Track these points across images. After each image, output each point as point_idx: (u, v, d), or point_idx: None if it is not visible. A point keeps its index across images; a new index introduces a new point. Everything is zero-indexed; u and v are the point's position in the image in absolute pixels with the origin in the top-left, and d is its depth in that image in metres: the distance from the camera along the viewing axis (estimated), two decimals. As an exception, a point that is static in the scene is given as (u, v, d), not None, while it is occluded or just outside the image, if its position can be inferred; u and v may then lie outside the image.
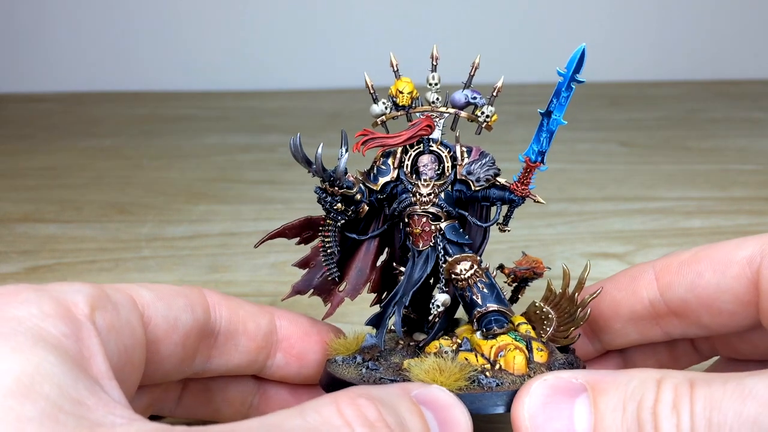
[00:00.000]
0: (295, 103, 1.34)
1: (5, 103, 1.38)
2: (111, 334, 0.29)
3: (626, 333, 0.39)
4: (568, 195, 0.84)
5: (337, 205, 0.37)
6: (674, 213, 0.79)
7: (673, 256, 0.37)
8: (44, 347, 0.25)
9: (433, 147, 0.38)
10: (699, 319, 0.36)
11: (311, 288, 0.40)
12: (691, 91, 1.38)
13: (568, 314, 0.38)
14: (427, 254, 0.38)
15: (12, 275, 0.66)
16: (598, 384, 0.29)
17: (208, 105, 1.35)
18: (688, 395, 0.27)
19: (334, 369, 0.37)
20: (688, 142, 1.07)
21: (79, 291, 0.29)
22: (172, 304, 0.34)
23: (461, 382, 0.33)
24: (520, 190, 0.37)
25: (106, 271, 0.66)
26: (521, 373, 0.34)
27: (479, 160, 0.38)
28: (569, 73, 0.35)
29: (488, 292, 0.37)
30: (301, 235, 0.39)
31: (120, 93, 1.43)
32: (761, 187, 0.86)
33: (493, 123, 0.38)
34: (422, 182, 0.38)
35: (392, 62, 0.38)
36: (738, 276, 0.34)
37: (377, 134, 0.37)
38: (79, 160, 1.03)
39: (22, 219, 0.80)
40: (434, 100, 0.38)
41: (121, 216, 0.81)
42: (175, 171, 0.97)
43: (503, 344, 0.35)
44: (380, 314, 0.38)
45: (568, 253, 0.69)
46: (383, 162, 0.38)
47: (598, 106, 1.28)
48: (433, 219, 0.38)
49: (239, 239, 0.74)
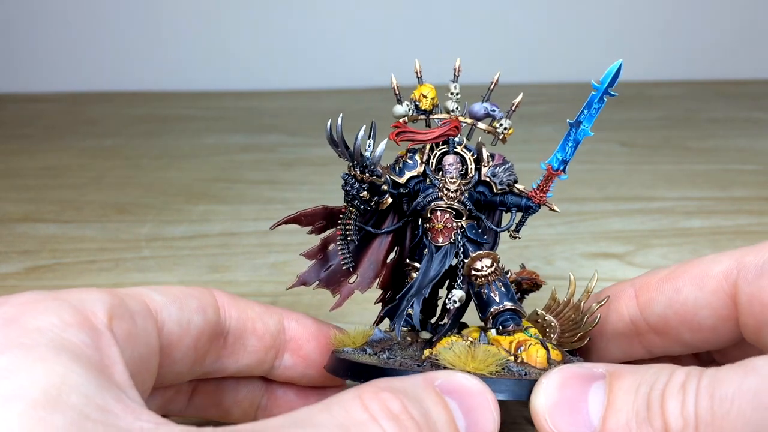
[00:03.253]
0: (295, 103, 1.34)
1: (5, 104, 1.38)
2: (128, 343, 0.29)
3: (609, 351, 0.39)
4: (568, 195, 0.84)
5: (363, 192, 0.37)
6: (674, 213, 0.79)
7: (651, 274, 0.38)
8: (68, 357, 0.25)
9: (457, 149, 0.39)
10: (680, 336, 0.36)
11: (318, 280, 0.40)
12: (691, 91, 1.38)
13: (572, 322, 0.38)
14: (446, 250, 0.38)
15: (12, 275, 0.66)
16: (616, 372, 0.30)
17: (208, 105, 1.35)
18: (697, 377, 0.27)
19: (347, 356, 0.36)
20: (688, 142, 1.07)
21: (97, 300, 0.29)
22: (184, 307, 0.34)
23: (493, 368, 0.33)
24: (539, 198, 0.39)
25: (106, 271, 0.66)
26: (543, 366, 0.34)
27: (502, 165, 0.39)
28: (603, 86, 0.35)
29: (505, 291, 0.38)
30: (315, 224, 0.39)
31: (120, 93, 1.43)
32: (761, 187, 0.86)
33: (509, 136, 0.39)
34: (449, 179, 0.39)
35: (416, 68, 0.39)
36: (715, 290, 0.34)
37: (408, 128, 0.38)
38: (79, 160, 1.03)
39: (22, 219, 0.80)
40: (454, 108, 0.39)
41: (121, 216, 0.81)
42: (175, 171, 0.97)
43: (522, 339, 0.36)
44: (395, 306, 0.38)
45: (568, 253, 0.69)
46: (410, 157, 0.39)
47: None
48: (456, 216, 0.38)
49: (239, 239, 0.73)
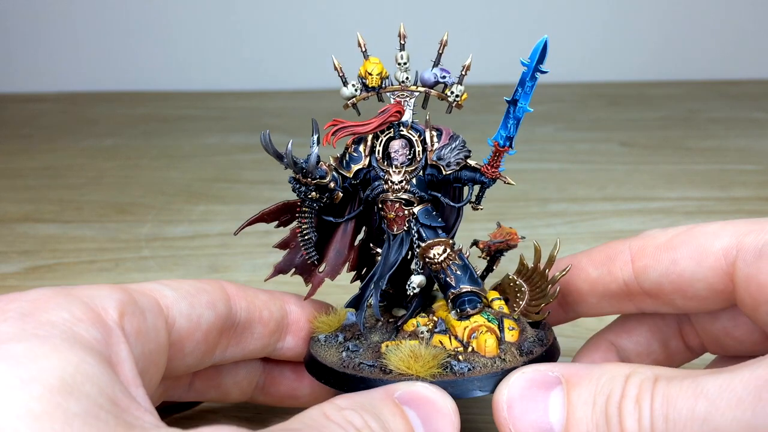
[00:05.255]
0: (295, 103, 1.35)
1: (5, 104, 1.38)
2: (138, 340, 0.29)
3: (600, 307, 0.40)
4: (568, 195, 0.84)
5: (312, 193, 0.37)
6: (674, 213, 0.79)
7: (649, 238, 0.38)
8: (81, 348, 0.25)
9: (403, 132, 0.39)
10: (672, 301, 0.37)
11: (293, 267, 0.40)
12: (691, 91, 1.38)
13: (539, 289, 0.39)
14: (402, 238, 0.39)
15: (12, 275, 0.66)
16: (572, 378, 0.31)
17: (208, 105, 1.35)
18: (650, 391, 0.28)
19: (316, 350, 0.39)
20: (688, 142, 1.07)
21: (108, 296, 0.29)
22: (195, 303, 0.34)
23: (435, 370, 0.34)
24: (491, 173, 0.38)
25: (106, 271, 0.66)
26: (492, 355, 0.35)
27: (449, 144, 0.38)
28: (533, 63, 0.35)
29: (461, 273, 0.38)
30: (280, 219, 0.40)
31: (120, 93, 1.43)
32: (761, 187, 0.86)
33: (464, 101, 0.38)
34: (393, 169, 0.38)
35: (359, 42, 0.38)
36: (713, 267, 0.35)
37: (347, 123, 0.37)
38: (79, 160, 1.03)
39: (22, 219, 0.80)
40: (404, 79, 0.38)
41: (121, 216, 0.81)
42: (175, 171, 0.97)
43: (476, 326, 0.37)
44: (359, 296, 0.39)
45: (568, 253, 0.69)
46: (355, 149, 0.39)
47: (598, 106, 1.28)
48: (406, 204, 0.38)
49: (239, 239, 0.73)
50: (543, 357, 0.36)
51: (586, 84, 1.43)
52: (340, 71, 0.39)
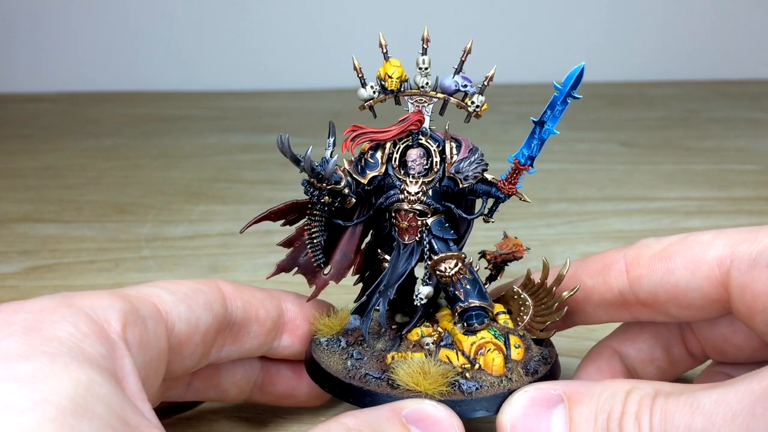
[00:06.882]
0: (295, 103, 1.35)
1: (5, 104, 1.38)
2: (140, 350, 0.30)
3: (597, 315, 0.40)
4: (568, 195, 0.84)
5: (325, 198, 0.37)
6: (674, 213, 0.79)
7: (644, 247, 0.38)
8: (90, 367, 0.26)
9: (422, 140, 0.38)
10: (667, 310, 0.37)
11: (296, 266, 0.40)
12: (691, 91, 1.38)
13: (545, 305, 0.38)
14: (413, 248, 0.38)
15: (12, 275, 0.66)
16: (573, 395, 0.31)
17: (208, 105, 1.35)
18: (649, 407, 0.29)
19: (319, 355, 0.38)
20: (688, 142, 1.07)
21: (110, 307, 0.29)
22: (193, 305, 0.34)
23: (443, 388, 0.34)
24: (507, 189, 0.38)
25: (106, 271, 0.66)
26: (499, 374, 0.35)
27: (468, 157, 0.37)
28: (566, 88, 0.35)
29: (471, 288, 0.38)
30: (287, 218, 0.39)
31: (120, 93, 1.43)
32: (761, 187, 0.86)
33: (483, 112, 0.37)
34: (411, 179, 0.38)
35: (381, 42, 0.37)
36: (708, 277, 0.35)
37: (366, 129, 0.37)
38: (79, 160, 1.03)
39: (22, 219, 0.80)
40: (424, 84, 0.37)
41: (121, 216, 0.81)
42: (175, 171, 0.97)
43: (483, 342, 0.36)
44: (365, 303, 0.39)
45: (568, 253, 0.69)
46: (371, 155, 0.38)
47: (598, 106, 1.28)
48: (420, 215, 0.38)
49: (239, 239, 0.73)
50: (547, 376, 0.36)
51: (585, 84, 1.42)
52: (359, 72, 0.38)
